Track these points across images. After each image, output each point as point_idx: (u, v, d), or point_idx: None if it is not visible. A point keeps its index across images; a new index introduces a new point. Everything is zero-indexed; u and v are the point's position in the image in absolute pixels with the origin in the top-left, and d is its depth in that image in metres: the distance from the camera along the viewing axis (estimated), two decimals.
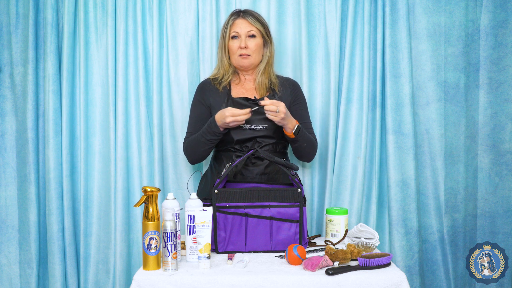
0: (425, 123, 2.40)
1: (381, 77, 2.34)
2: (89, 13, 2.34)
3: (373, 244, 1.78)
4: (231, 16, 2.11)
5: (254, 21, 2.07)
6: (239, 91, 2.12)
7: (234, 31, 2.06)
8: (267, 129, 2.01)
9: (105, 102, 2.36)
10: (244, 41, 2.05)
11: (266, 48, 2.12)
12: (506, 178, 2.43)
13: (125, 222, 2.34)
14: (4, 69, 2.36)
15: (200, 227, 1.59)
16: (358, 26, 2.33)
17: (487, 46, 2.40)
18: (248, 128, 2.01)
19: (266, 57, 2.12)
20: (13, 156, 2.38)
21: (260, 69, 2.11)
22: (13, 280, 2.38)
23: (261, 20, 2.11)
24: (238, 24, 2.07)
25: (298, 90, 2.17)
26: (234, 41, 2.07)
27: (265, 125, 2.01)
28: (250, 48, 2.06)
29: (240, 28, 2.06)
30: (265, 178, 2.01)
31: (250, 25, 2.06)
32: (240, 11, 2.12)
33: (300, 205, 1.77)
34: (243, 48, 2.05)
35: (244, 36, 2.06)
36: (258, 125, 2.02)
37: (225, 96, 2.08)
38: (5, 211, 2.38)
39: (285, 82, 2.16)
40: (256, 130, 2.01)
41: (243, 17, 2.08)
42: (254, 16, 2.10)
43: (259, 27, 2.08)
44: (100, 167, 2.36)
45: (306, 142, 2.02)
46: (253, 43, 2.06)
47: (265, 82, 2.10)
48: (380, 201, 2.39)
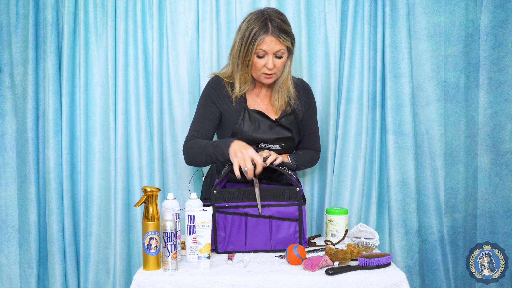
0: (425, 123, 2.40)
1: (381, 77, 2.34)
2: (89, 13, 2.34)
3: (373, 244, 1.78)
4: (258, 28, 1.82)
5: (285, 39, 1.84)
6: (254, 101, 2.00)
7: (262, 49, 1.84)
8: (283, 148, 1.99)
9: (105, 102, 2.36)
10: (271, 61, 1.85)
11: (288, 59, 1.93)
12: (506, 178, 2.43)
13: (125, 222, 2.34)
14: (4, 69, 2.36)
15: (200, 227, 1.59)
16: (358, 26, 2.33)
17: (487, 46, 2.40)
18: (264, 146, 1.95)
19: (287, 68, 1.94)
20: (13, 156, 2.38)
21: (279, 82, 1.95)
22: (13, 280, 2.38)
23: (290, 32, 1.88)
24: (267, 43, 1.83)
25: (311, 97, 2.10)
26: (259, 59, 1.86)
27: (282, 145, 1.98)
28: (276, 67, 1.88)
29: (268, 46, 1.83)
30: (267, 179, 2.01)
31: (280, 45, 1.84)
32: (267, 21, 1.83)
33: (299, 204, 1.77)
34: (270, 68, 1.87)
35: (272, 56, 1.85)
36: (275, 145, 1.97)
37: (242, 108, 1.94)
38: (5, 211, 2.38)
39: (299, 88, 2.04)
40: (271, 149, 1.97)
41: (273, 34, 1.82)
42: (285, 31, 1.85)
43: (289, 43, 1.87)
44: (100, 167, 2.36)
45: (304, 165, 2.06)
46: (280, 62, 1.88)
47: (283, 100, 1.96)
48: (380, 201, 2.39)
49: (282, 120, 1.97)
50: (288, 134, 1.98)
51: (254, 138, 1.93)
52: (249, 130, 1.93)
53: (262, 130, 1.95)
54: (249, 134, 1.93)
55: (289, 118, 2.00)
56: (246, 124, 1.94)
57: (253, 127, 1.94)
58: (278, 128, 1.96)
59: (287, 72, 1.95)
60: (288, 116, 1.99)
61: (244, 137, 1.91)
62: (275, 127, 1.96)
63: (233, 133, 1.94)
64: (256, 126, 1.94)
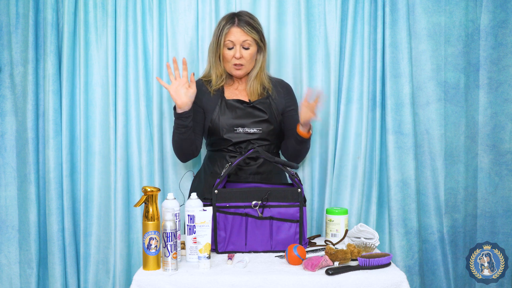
0: (425, 123, 2.40)
1: (381, 77, 2.34)
2: (89, 13, 2.34)
3: (373, 244, 1.78)
4: (226, 21, 2.03)
5: (249, 30, 2.01)
6: (232, 93, 2.12)
7: (229, 40, 2.01)
8: (261, 132, 2.04)
9: (105, 102, 2.36)
10: (238, 51, 2.01)
11: (260, 54, 2.08)
12: (506, 178, 2.43)
13: (125, 222, 2.34)
14: (4, 69, 2.36)
15: (200, 227, 1.59)
16: (358, 26, 2.33)
17: (487, 46, 2.40)
18: (242, 131, 2.03)
19: (259, 63, 2.08)
20: (13, 156, 2.38)
21: (252, 75, 2.09)
22: (13, 280, 2.38)
23: (256, 27, 2.04)
24: (233, 33, 2.00)
25: (291, 94, 2.17)
26: (228, 50, 2.02)
27: (259, 128, 2.04)
28: (244, 58, 2.02)
29: (235, 37, 2.00)
30: (259, 177, 2.02)
31: (245, 35, 2.01)
32: (234, 16, 2.04)
33: (300, 205, 1.77)
34: (238, 58, 2.01)
35: (239, 46, 2.01)
36: (252, 128, 2.04)
37: (218, 98, 2.08)
38: (5, 211, 2.38)
39: (277, 85, 2.14)
40: (250, 133, 2.03)
41: (238, 25, 2.00)
42: (250, 24, 2.02)
43: (255, 36, 2.02)
44: (100, 167, 2.36)
45: (309, 144, 2.10)
46: (247, 52, 2.02)
47: (257, 88, 2.08)
48: (380, 201, 2.39)
49: (256, 102, 2.06)
50: (264, 116, 2.05)
51: (232, 123, 2.03)
52: (227, 116, 2.04)
53: (238, 114, 2.05)
54: (227, 120, 2.03)
55: (264, 101, 2.08)
56: (223, 111, 2.05)
57: (230, 114, 2.04)
58: (253, 110, 2.05)
59: (259, 66, 2.08)
60: (264, 100, 2.08)
61: (223, 123, 2.03)
62: (251, 110, 2.05)
63: (211, 120, 2.04)
64: (233, 112, 2.05)
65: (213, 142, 2.08)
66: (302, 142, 2.02)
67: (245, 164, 2.02)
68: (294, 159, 2.12)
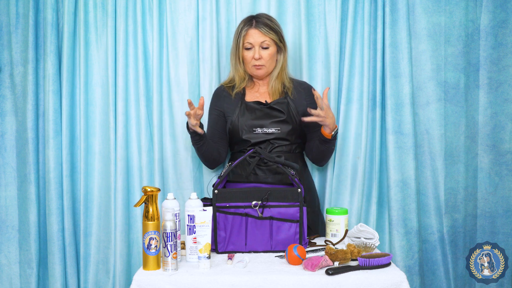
0: (425, 123, 2.40)
1: (381, 77, 2.34)
2: (89, 13, 2.34)
3: (373, 244, 1.78)
4: (244, 24, 2.08)
5: (267, 31, 2.05)
6: (253, 95, 2.16)
7: (248, 42, 2.06)
8: (280, 132, 2.05)
9: (105, 102, 2.36)
10: (257, 52, 2.05)
11: (280, 54, 2.13)
12: (506, 178, 2.43)
13: (125, 222, 2.34)
14: (4, 69, 2.36)
15: (200, 227, 1.59)
16: (358, 26, 2.33)
17: (487, 46, 2.40)
18: (261, 131, 2.06)
19: (280, 63, 2.12)
20: (13, 156, 2.38)
21: (273, 75, 2.13)
22: (13, 280, 2.38)
23: (274, 27, 2.09)
24: (251, 35, 2.06)
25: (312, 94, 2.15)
26: (248, 51, 2.08)
27: (278, 128, 2.06)
28: (264, 59, 2.07)
29: (253, 38, 2.06)
30: (279, 178, 2.02)
31: (263, 36, 2.05)
32: (252, 18, 2.09)
33: (300, 205, 1.78)
34: (257, 59, 2.06)
35: (258, 47, 2.06)
36: (270, 128, 2.06)
37: (239, 100, 2.12)
38: (5, 211, 2.38)
39: (299, 87, 2.17)
40: (268, 133, 2.06)
41: (256, 27, 2.06)
42: (267, 25, 2.07)
43: (273, 36, 2.07)
44: (100, 167, 2.36)
45: (334, 146, 2.13)
46: (267, 53, 2.07)
47: (279, 87, 2.12)
48: (380, 201, 2.39)
49: (273, 103, 2.09)
50: (282, 116, 2.07)
51: (251, 124, 2.07)
52: (246, 117, 2.08)
53: (257, 115, 2.08)
54: (246, 121, 2.08)
55: (282, 102, 2.10)
56: (243, 112, 2.09)
57: (250, 115, 2.08)
58: (271, 111, 2.08)
59: (280, 66, 2.13)
60: (281, 100, 2.10)
61: (242, 124, 2.07)
62: (269, 111, 2.08)
63: (231, 122, 2.09)
64: (252, 113, 2.08)
65: (234, 143, 2.12)
66: (325, 142, 2.03)
67: (263, 164, 2.03)
68: (319, 161, 2.17)
